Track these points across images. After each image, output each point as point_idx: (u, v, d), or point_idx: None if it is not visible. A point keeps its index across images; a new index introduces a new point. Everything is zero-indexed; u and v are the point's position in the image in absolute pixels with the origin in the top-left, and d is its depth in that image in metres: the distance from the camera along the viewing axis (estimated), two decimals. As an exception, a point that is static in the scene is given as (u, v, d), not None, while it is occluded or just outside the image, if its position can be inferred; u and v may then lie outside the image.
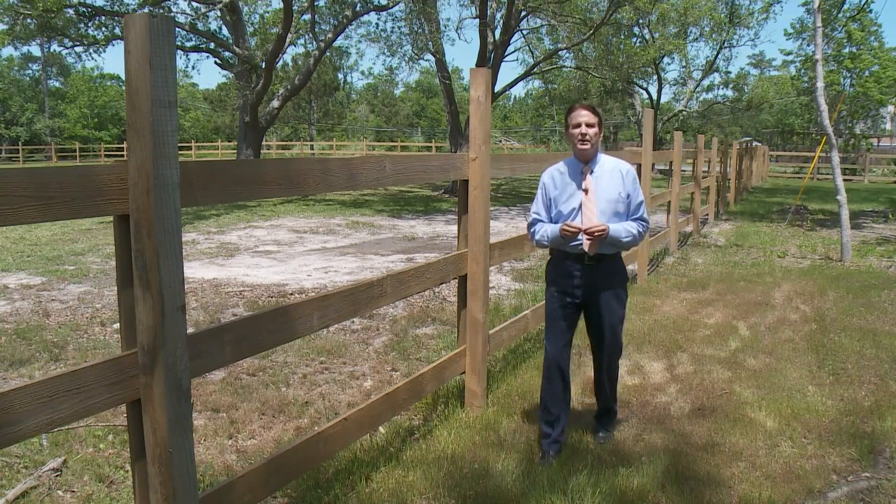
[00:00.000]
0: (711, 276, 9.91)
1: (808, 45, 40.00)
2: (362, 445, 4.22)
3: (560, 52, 30.25)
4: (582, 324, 4.39)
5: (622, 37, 33.74)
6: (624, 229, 4.09)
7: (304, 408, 5.00)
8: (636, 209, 4.19)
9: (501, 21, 24.90)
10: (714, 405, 5.01)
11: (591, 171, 4.13)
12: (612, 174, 4.16)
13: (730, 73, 49.94)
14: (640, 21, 35.79)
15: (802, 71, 41.17)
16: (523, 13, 25.17)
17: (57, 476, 4.00)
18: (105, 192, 2.21)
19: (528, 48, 33.12)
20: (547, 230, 4.20)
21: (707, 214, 16.83)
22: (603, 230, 3.98)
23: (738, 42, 42.73)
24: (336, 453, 3.78)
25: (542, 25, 30.00)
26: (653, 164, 10.25)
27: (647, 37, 38.73)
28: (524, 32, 30.22)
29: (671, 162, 12.15)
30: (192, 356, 2.44)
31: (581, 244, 4.09)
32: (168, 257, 2.26)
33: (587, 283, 4.18)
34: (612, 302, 4.23)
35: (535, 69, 31.01)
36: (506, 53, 25.85)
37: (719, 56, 43.82)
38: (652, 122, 9.72)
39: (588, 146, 4.08)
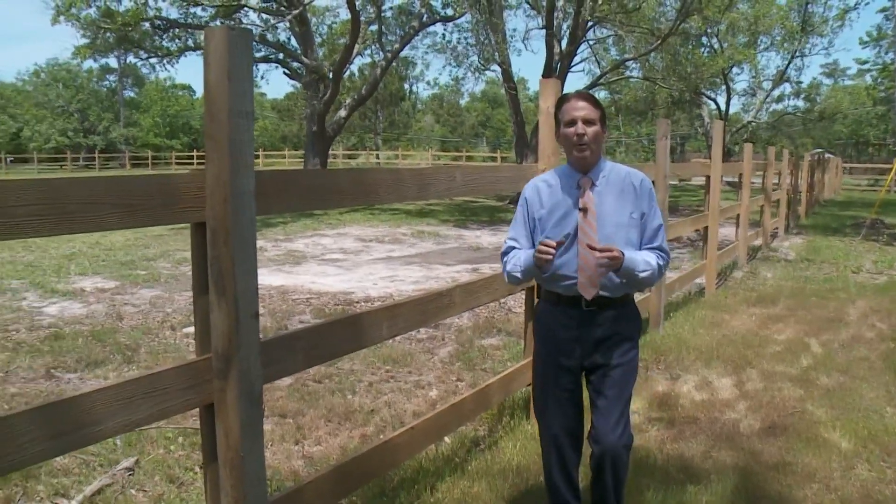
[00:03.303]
0: (782, 291, 9.69)
1: (886, 53, 39.05)
2: (428, 455, 4.22)
3: (627, 63, 30.00)
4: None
5: (690, 46, 33.24)
6: (642, 260, 3.02)
7: (370, 416, 5.03)
8: (653, 235, 3.13)
9: (568, 31, 24.80)
10: (785, 424, 4.89)
11: (593, 185, 3.09)
12: (622, 188, 3.11)
13: (801, 82, 48.89)
14: (709, 30, 35.25)
15: (879, 80, 40.11)
16: (590, 24, 25.03)
17: (130, 475, 4.09)
18: (183, 200, 2.27)
19: (594, 59, 32.96)
20: (520, 258, 3.16)
21: (777, 228, 16.49)
22: (615, 256, 2.88)
23: (810, 51, 41.65)
24: (402, 462, 3.79)
25: (608, 36, 29.80)
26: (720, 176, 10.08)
27: (716, 46, 38.13)
28: (590, 43, 30.08)
29: (740, 174, 11.94)
30: (264, 362, 2.48)
31: (575, 283, 3.07)
32: (243, 265, 2.30)
33: (586, 337, 3.13)
34: (622, 360, 3.15)
35: (602, 80, 30.81)
36: (572, 64, 25.74)
37: (790, 65, 42.89)
38: (721, 134, 9.58)
39: (587, 152, 3.06)
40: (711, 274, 9.37)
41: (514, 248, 3.24)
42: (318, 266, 11.70)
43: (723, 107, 44.69)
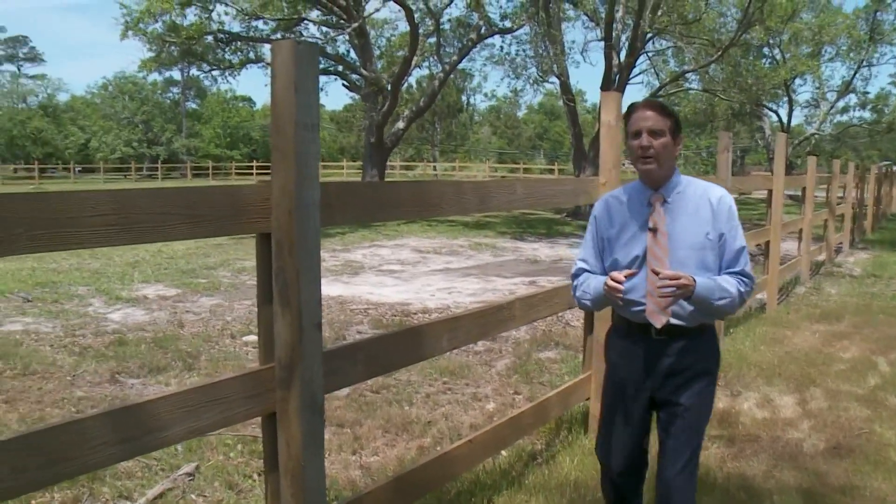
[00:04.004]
0: (847, 307, 9.46)
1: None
2: (485, 468, 4.21)
3: (686, 75, 29.70)
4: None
5: (751, 58, 32.76)
6: (718, 287, 2.75)
7: (427, 427, 5.03)
8: (734, 259, 2.83)
9: (627, 43, 24.65)
10: (852, 445, 4.76)
11: (665, 201, 2.85)
12: (697, 206, 2.84)
13: (868, 93, 47.77)
14: (771, 41, 34.74)
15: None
16: (649, 35, 24.86)
17: (190, 480, 4.15)
18: (249, 211, 2.30)
19: (653, 70, 32.68)
20: (590, 285, 2.96)
21: (841, 243, 16.12)
22: (684, 284, 2.64)
23: (878, 60, 40.84)
24: (460, 474, 3.79)
25: (668, 47, 29.54)
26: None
27: (778, 57, 37.52)
28: (650, 55, 29.82)
29: (803, 188, 11.71)
30: (326, 372, 2.50)
31: (643, 309, 2.84)
32: (307, 275, 2.32)
33: (656, 369, 2.89)
34: (694, 398, 2.89)
35: (661, 91, 30.52)
36: (631, 76, 25.57)
37: (857, 76, 42.01)
38: (784, 146, 9.41)
39: (652, 165, 2.81)
40: (773, 289, 9.20)
41: (584, 270, 3.05)
42: (376, 277, 11.77)
43: (784, 119, 43.93)
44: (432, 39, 26.44)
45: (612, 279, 2.72)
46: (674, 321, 2.81)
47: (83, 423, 2.02)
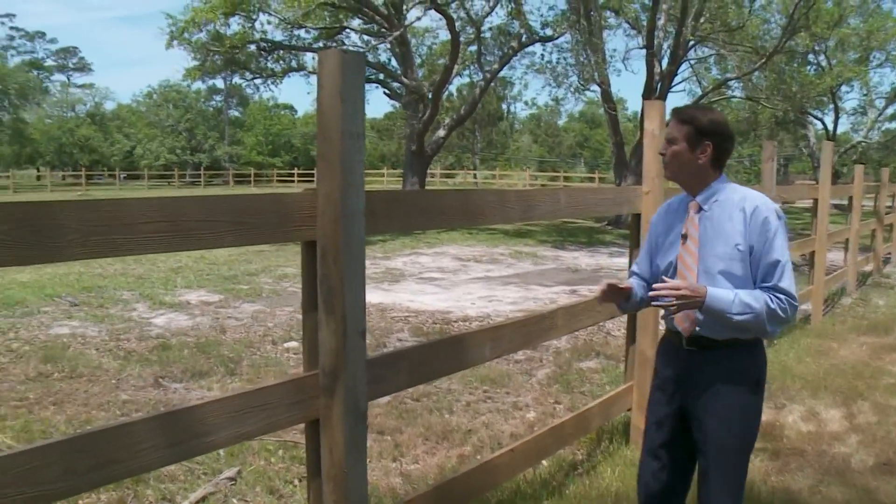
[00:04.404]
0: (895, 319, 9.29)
1: None
2: (525, 477, 4.19)
3: (729, 82, 29.41)
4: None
5: (796, 64, 32.32)
6: (739, 301, 2.64)
7: (468, 435, 5.03)
8: (767, 273, 2.70)
9: (669, 51, 24.48)
10: (902, 460, 4.67)
11: (701, 209, 2.83)
12: (731, 215, 2.76)
13: (919, 99, 46.79)
14: (817, 48, 34.21)
15: None
16: (691, 43, 24.67)
17: (232, 485, 4.19)
18: (295, 219, 2.32)
19: (695, 78, 32.40)
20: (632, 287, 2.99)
21: (890, 253, 15.83)
22: (683, 295, 2.63)
23: (930, 66, 39.85)
24: (501, 484, 3.78)
25: (710, 55, 29.29)
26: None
27: (824, 64, 36.93)
28: (692, 62, 29.60)
29: (850, 197, 11.52)
30: (369, 380, 2.51)
31: (672, 315, 2.85)
32: (352, 283, 2.33)
33: (685, 378, 2.87)
34: (722, 416, 2.79)
35: (703, 100, 30.25)
36: (673, 84, 25.39)
37: (907, 81, 41.02)
38: (830, 155, 9.28)
39: (667, 172, 2.90)
40: (818, 300, 9.06)
41: (633, 273, 3.12)
42: (417, 284, 11.79)
43: (830, 126, 43.25)
44: (473, 48, 26.50)
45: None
46: (702, 331, 2.78)
47: (132, 426, 2.05)
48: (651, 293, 2.69)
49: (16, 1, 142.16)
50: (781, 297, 2.67)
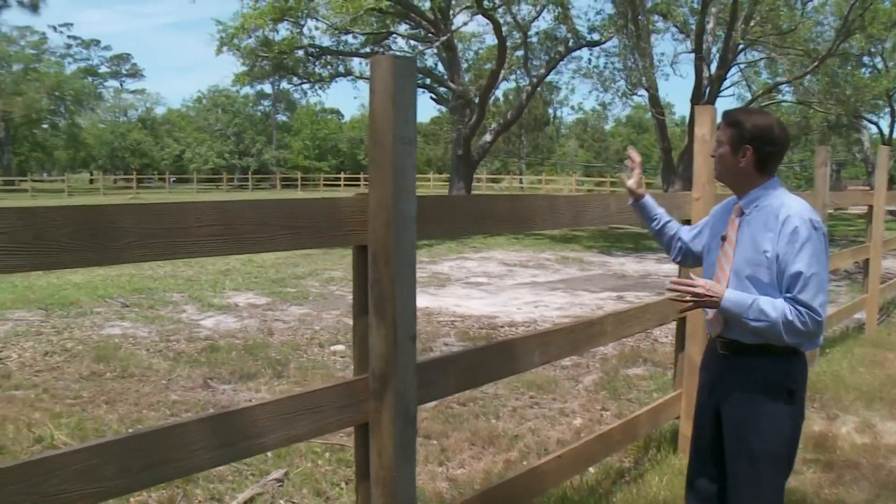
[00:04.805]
0: (954, 329, 9.07)
1: None
2: (572, 484, 4.16)
3: (780, 86, 29.00)
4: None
5: (850, 67, 31.70)
6: (756, 307, 2.65)
7: (514, 441, 5.02)
8: (790, 283, 2.65)
9: (718, 55, 24.22)
10: (964, 475, 4.55)
11: (742, 213, 2.85)
12: (766, 221, 2.75)
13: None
14: (872, 49, 33.52)
15: None
16: (741, 46, 24.37)
17: (279, 486, 4.23)
18: (347, 223, 2.34)
19: (745, 82, 32.00)
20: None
21: (947, 261, 15.47)
22: (698, 293, 2.71)
23: None
24: (547, 490, 3.76)
25: (760, 59, 28.90)
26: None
27: (880, 66, 36.15)
28: (741, 66, 29.26)
29: (907, 203, 11.28)
30: (419, 384, 2.51)
31: (708, 316, 2.90)
32: (403, 288, 2.34)
33: (719, 383, 2.91)
34: (749, 424, 2.80)
35: (753, 104, 29.85)
36: (722, 88, 25.12)
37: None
38: (887, 159, 9.08)
39: (715, 173, 2.96)
40: (873, 309, 8.87)
41: (681, 230, 3.26)
42: (463, 289, 11.80)
43: (886, 130, 42.31)
44: (520, 52, 26.47)
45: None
46: (731, 334, 2.81)
47: (185, 426, 2.07)
48: (668, 286, 2.79)
49: (73, 10, 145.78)
50: (802, 309, 2.63)
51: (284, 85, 37.81)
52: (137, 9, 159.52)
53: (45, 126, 68.64)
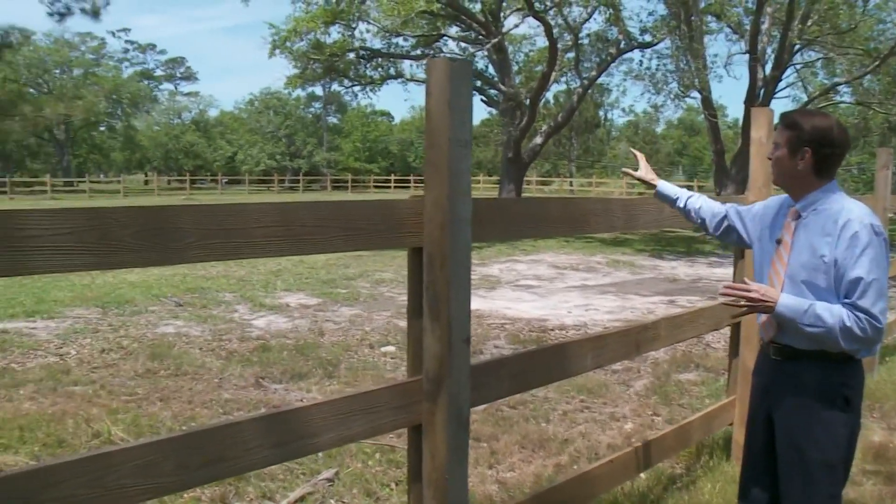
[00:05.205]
0: None
1: None
2: (623, 490, 4.13)
3: (837, 87, 28.38)
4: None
5: (914, 66, 30.84)
6: (812, 313, 2.61)
7: (564, 445, 4.99)
8: (849, 289, 2.60)
9: (773, 55, 23.81)
10: None
11: (799, 216, 2.79)
12: (824, 226, 2.68)
13: None
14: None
15: None
16: (797, 46, 23.94)
17: (329, 485, 4.26)
18: (403, 225, 2.34)
19: (800, 83, 31.38)
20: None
21: None
22: (752, 297, 2.67)
23: None
24: (598, 495, 3.73)
25: (817, 59, 28.33)
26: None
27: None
28: (797, 67, 28.69)
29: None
30: (472, 387, 2.51)
31: (761, 320, 2.88)
32: (458, 290, 2.34)
33: (771, 388, 2.87)
34: (802, 430, 2.75)
35: (810, 105, 29.29)
36: (777, 90, 24.70)
37: None
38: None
39: (772, 177, 2.90)
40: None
41: (725, 208, 3.20)
42: (513, 292, 11.77)
43: (954, 131, 41.12)
44: (571, 54, 26.32)
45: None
46: (784, 339, 2.78)
47: (241, 425, 2.09)
48: (721, 291, 2.72)
49: (130, 16, 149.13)
50: (861, 315, 2.57)
51: (335, 87, 38.15)
52: (192, 13, 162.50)
53: (103, 128, 70.24)
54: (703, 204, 3.23)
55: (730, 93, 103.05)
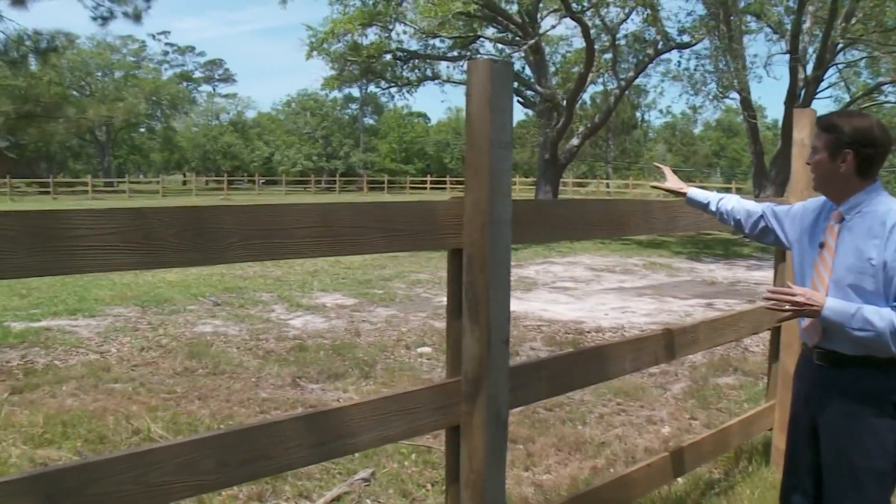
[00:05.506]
0: None
1: None
2: (660, 494, 4.10)
3: (882, 87, 27.91)
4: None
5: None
6: (860, 317, 2.55)
7: (601, 448, 4.97)
8: None
9: (815, 55, 23.47)
10: None
11: (842, 219, 2.72)
12: (872, 228, 2.62)
13: None
14: None
15: None
16: (840, 45, 23.56)
17: (366, 485, 4.28)
18: (442, 226, 2.35)
19: (843, 83, 30.90)
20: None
21: None
22: (797, 302, 2.59)
23: None
24: (635, 499, 3.70)
25: (861, 58, 27.88)
26: None
27: None
28: (839, 67, 28.26)
29: None
30: (511, 388, 2.50)
31: (804, 325, 2.80)
32: (498, 291, 2.34)
33: (816, 395, 2.82)
34: (848, 438, 2.70)
35: (853, 106, 28.83)
36: (818, 90, 24.34)
37: None
38: None
39: (813, 181, 2.82)
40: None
41: (762, 207, 3.14)
42: (549, 294, 11.73)
43: None
44: (608, 55, 26.16)
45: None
46: (829, 345, 2.71)
47: (281, 424, 2.11)
48: (765, 295, 2.67)
49: (170, 19, 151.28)
50: None
51: (372, 88, 38.24)
52: (230, 16, 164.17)
53: (143, 130, 71.38)
54: (736, 204, 3.18)
55: (769, 93, 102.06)
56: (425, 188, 60.65)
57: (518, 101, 28.74)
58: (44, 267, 1.69)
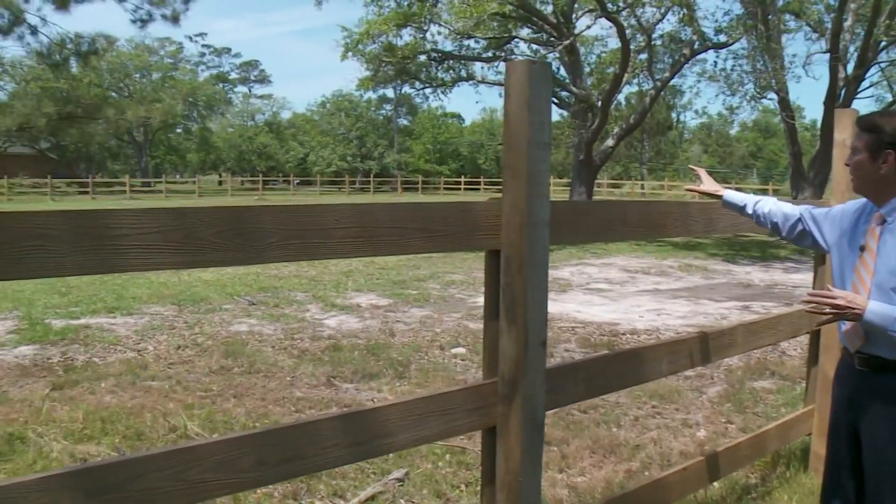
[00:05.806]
0: None
1: None
2: (696, 498, 4.07)
3: (926, 86, 27.49)
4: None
5: None
6: None
7: (635, 451, 4.93)
8: None
9: (856, 54, 23.13)
10: None
11: (884, 221, 2.67)
12: None
13: None
14: None
15: None
16: (883, 43, 23.18)
17: (400, 485, 4.28)
18: (480, 227, 2.35)
19: (885, 82, 30.41)
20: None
21: None
22: (838, 305, 2.54)
23: None
24: (670, 503, 3.68)
25: (904, 56, 27.41)
26: None
27: None
28: (882, 65, 27.82)
29: None
30: (547, 390, 2.50)
31: (845, 328, 2.77)
32: (535, 293, 2.34)
33: (857, 400, 2.77)
34: (894, 445, 2.66)
35: (894, 106, 28.40)
36: (859, 89, 23.99)
37: None
38: None
39: (853, 182, 2.78)
40: None
41: (800, 210, 3.09)
42: (584, 295, 11.68)
43: None
44: (643, 56, 26.00)
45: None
46: (871, 350, 2.67)
47: (319, 423, 2.12)
48: (804, 298, 2.62)
49: (208, 20, 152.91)
50: None
51: (407, 89, 38.39)
52: (266, 17, 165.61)
53: (179, 130, 72.27)
54: (773, 207, 3.12)
55: (808, 93, 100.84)
56: (459, 189, 60.68)
57: (553, 101, 28.60)
58: (90, 266, 1.72)
